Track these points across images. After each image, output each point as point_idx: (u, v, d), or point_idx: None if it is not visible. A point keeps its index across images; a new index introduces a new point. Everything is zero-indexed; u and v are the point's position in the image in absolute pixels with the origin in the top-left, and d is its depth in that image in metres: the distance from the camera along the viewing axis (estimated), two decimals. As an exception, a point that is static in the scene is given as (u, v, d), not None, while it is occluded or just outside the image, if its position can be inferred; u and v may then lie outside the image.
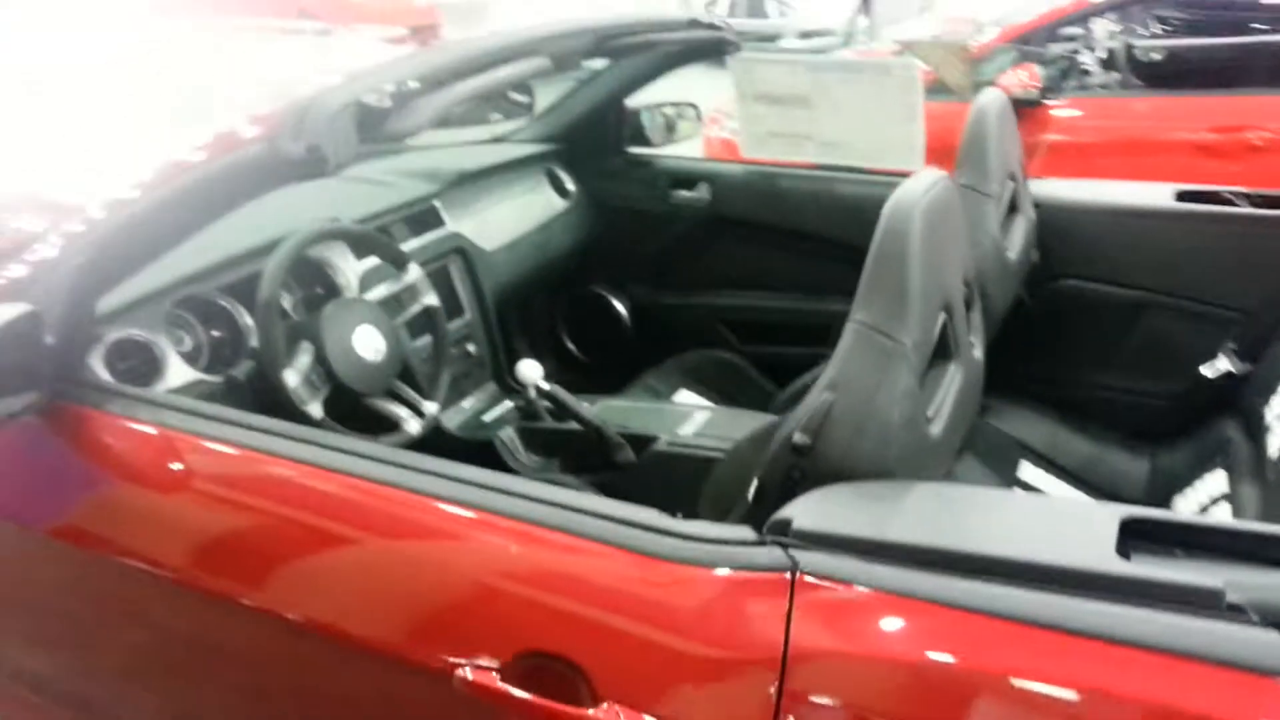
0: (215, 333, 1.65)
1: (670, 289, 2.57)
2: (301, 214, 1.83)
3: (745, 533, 0.97)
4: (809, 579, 0.90)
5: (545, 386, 1.87)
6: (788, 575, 0.91)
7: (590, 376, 2.59)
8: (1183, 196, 1.99)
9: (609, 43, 1.82)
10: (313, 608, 1.11)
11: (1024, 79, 3.45)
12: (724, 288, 2.46)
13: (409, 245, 2.02)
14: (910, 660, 0.85)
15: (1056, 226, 2.04)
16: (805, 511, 0.97)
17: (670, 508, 1.00)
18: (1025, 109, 3.57)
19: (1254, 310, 1.91)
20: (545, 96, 2.63)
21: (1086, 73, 4.13)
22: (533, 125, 2.58)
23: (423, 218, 2.09)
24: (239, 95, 2.57)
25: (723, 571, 0.94)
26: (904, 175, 1.84)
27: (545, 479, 1.83)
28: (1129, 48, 3.92)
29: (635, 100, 2.57)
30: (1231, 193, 2.00)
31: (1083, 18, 3.77)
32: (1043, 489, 1.92)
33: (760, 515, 0.98)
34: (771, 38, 10.64)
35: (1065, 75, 4.17)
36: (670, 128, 2.71)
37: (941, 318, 1.19)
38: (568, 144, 2.56)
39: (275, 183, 1.26)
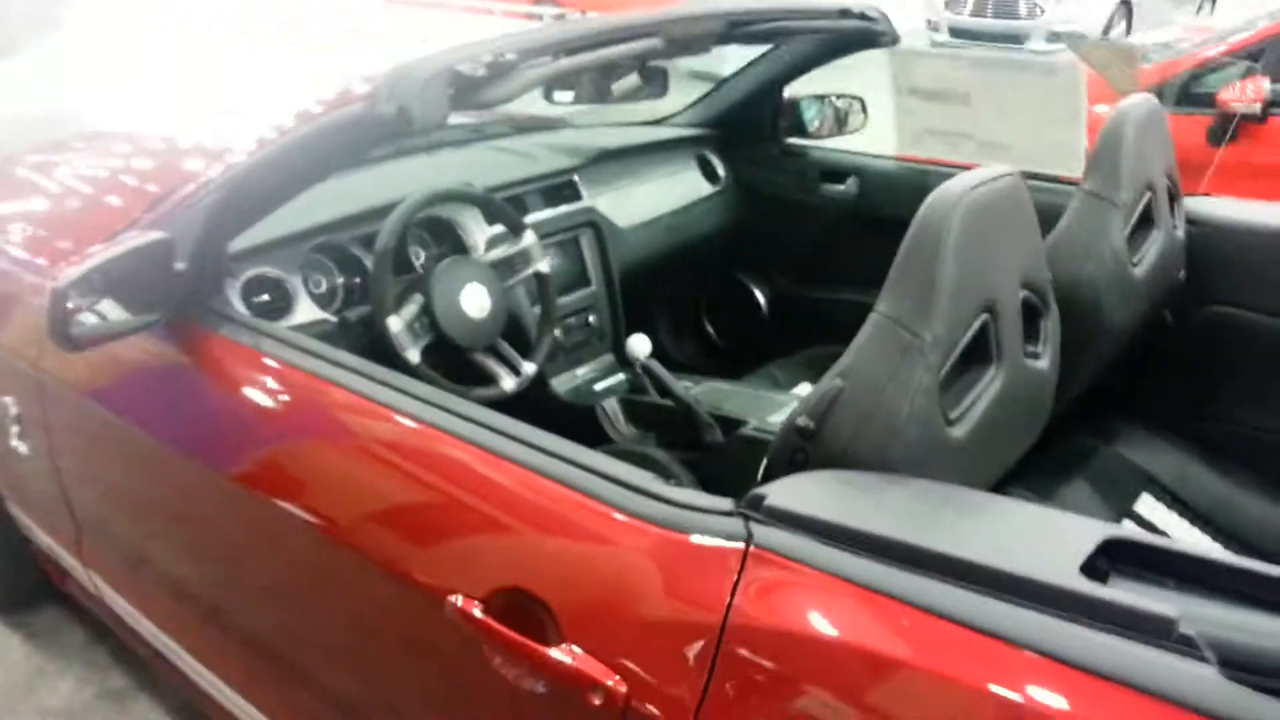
0: (349, 278, 1.80)
1: (812, 281, 2.55)
2: (445, 177, 1.97)
3: (724, 504, 0.98)
4: (762, 553, 0.91)
5: (646, 361, 1.92)
6: (741, 547, 0.92)
7: (726, 361, 2.61)
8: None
9: (742, 28, 1.83)
10: (347, 524, 1.23)
11: (1249, 93, 3.15)
12: (865, 284, 2.42)
13: (542, 215, 2.12)
14: (838, 643, 0.85)
15: (1213, 248, 1.88)
16: (783, 490, 0.97)
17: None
18: (1248, 124, 3.28)
19: None
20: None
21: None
22: (691, 110, 2.63)
23: (560, 190, 2.18)
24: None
25: (692, 538, 0.96)
26: (1071, 182, 1.76)
27: (634, 450, 1.90)
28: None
29: (799, 90, 2.57)
30: None
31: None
32: (1161, 527, 1.79)
33: None
34: (1018, 38, 10.19)
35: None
36: (841, 120, 2.68)
37: (981, 319, 1.14)
38: (723, 129, 2.59)
39: (371, 140, 1.37)
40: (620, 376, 2.18)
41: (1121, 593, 0.80)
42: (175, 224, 1.49)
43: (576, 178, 2.23)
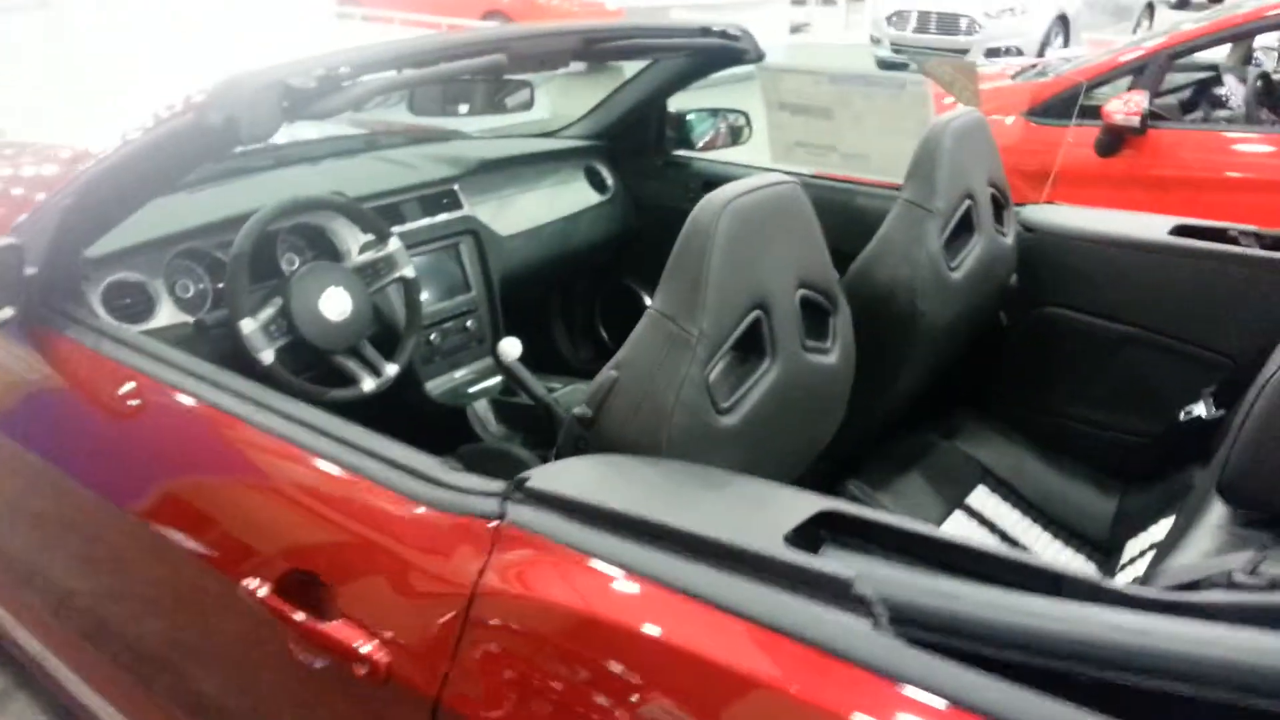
0: (215, 284, 1.87)
1: None
2: (322, 186, 2.03)
3: (492, 487, 1.06)
4: (511, 530, 0.99)
5: (509, 363, 2.00)
6: (493, 524, 1.00)
7: None
8: (1182, 231, 1.90)
9: (599, 45, 1.91)
10: (167, 518, 1.29)
11: (1130, 106, 3.29)
12: None
13: (420, 223, 2.20)
14: (569, 611, 0.93)
15: (1045, 252, 1.99)
16: (544, 473, 1.05)
17: None
18: (1132, 136, 3.42)
19: (1237, 356, 1.81)
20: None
21: (1220, 103, 3.89)
22: (582, 122, 2.72)
23: (439, 199, 2.26)
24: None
25: (453, 517, 1.04)
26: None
27: (493, 448, 1.97)
28: (1263, 78, 3.66)
29: (686, 105, 2.66)
30: (1241, 231, 1.89)
31: (1209, 44, 3.54)
32: (991, 517, 1.89)
33: None
34: (960, 55, 10.41)
35: (1194, 104, 3.94)
36: (735, 133, 2.78)
37: (753, 316, 1.23)
38: (612, 141, 2.68)
39: (204, 151, 1.44)
40: (497, 379, 2.25)
41: (808, 558, 0.88)
42: (28, 230, 1.55)
43: (457, 187, 2.31)
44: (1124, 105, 3.32)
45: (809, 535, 0.95)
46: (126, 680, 1.58)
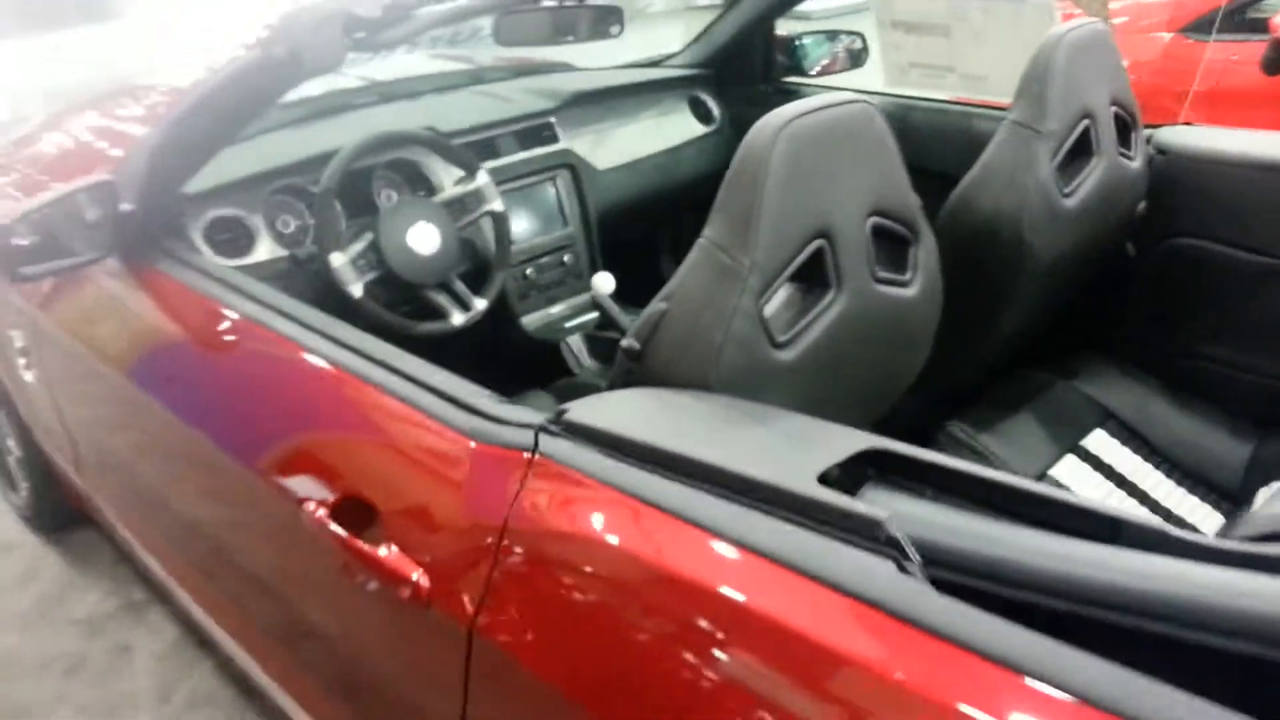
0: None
1: None
2: (416, 120, 2.03)
3: (531, 418, 1.03)
4: (544, 461, 0.97)
5: (600, 297, 1.97)
6: (528, 455, 0.98)
7: None
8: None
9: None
10: (245, 446, 1.33)
11: (1298, 16, 2.96)
12: None
13: (515, 157, 2.18)
14: (595, 541, 0.90)
15: (1179, 178, 1.81)
16: (583, 406, 1.02)
17: None
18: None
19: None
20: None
21: None
22: (688, 50, 2.63)
23: (536, 132, 2.23)
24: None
25: (491, 447, 1.02)
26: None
27: (580, 382, 1.95)
28: None
29: (797, 28, 2.55)
30: None
31: None
32: (1110, 461, 1.76)
33: None
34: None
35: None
36: (854, 57, 2.65)
37: (815, 245, 1.15)
38: (718, 69, 2.59)
39: (271, 85, 1.44)
40: (593, 314, 2.23)
41: (838, 496, 0.82)
42: (123, 170, 1.60)
43: (554, 120, 2.27)
44: (1295, 16, 2.99)
45: (853, 474, 0.89)
46: (220, 598, 1.66)
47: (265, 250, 1.82)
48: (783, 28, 2.55)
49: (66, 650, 2.21)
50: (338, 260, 1.73)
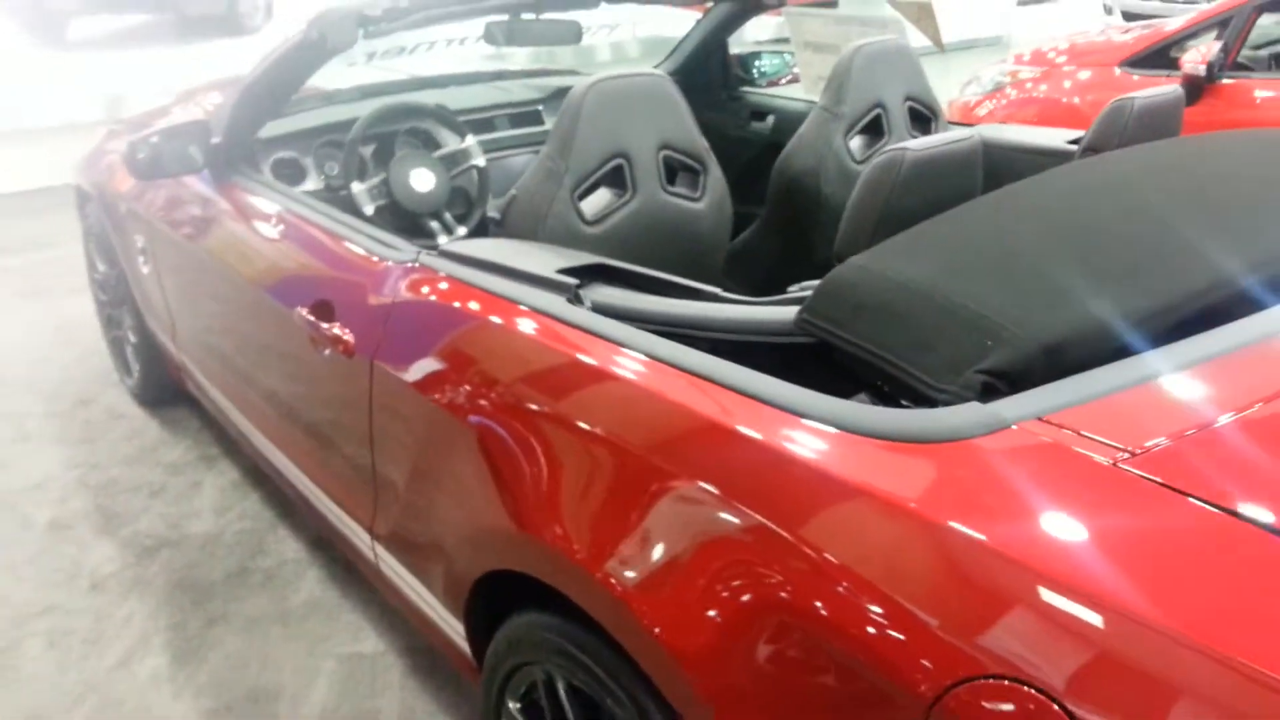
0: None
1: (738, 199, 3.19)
2: (436, 101, 2.76)
3: (415, 247, 1.72)
4: (419, 268, 1.66)
5: None
6: (411, 264, 1.67)
7: None
8: (1073, 141, 2.26)
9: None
10: (281, 288, 2.05)
11: (1198, 56, 3.49)
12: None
13: (508, 133, 2.90)
14: (445, 307, 1.58)
15: (990, 163, 2.40)
16: (456, 244, 1.70)
17: None
18: (1207, 85, 3.61)
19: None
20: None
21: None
22: (665, 61, 3.32)
23: (526, 116, 2.95)
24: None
25: (395, 263, 1.71)
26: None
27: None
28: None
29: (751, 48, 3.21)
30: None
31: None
32: None
33: None
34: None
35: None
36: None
37: (614, 162, 1.82)
38: (685, 77, 3.27)
39: (308, 59, 2.16)
40: None
41: (561, 276, 1.47)
42: (217, 117, 2.37)
43: (541, 108, 2.99)
44: (1196, 55, 3.52)
45: (586, 273, 1.54)
46: (261, 409, 2.38)
47: (312, 183, 2.57)
48: (737, 48, 3.22)
49: (154, 481, 2.99)
50: (356, 188, 2.46)
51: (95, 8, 9.29)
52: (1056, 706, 0.81)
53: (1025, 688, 0.82)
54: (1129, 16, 10.35)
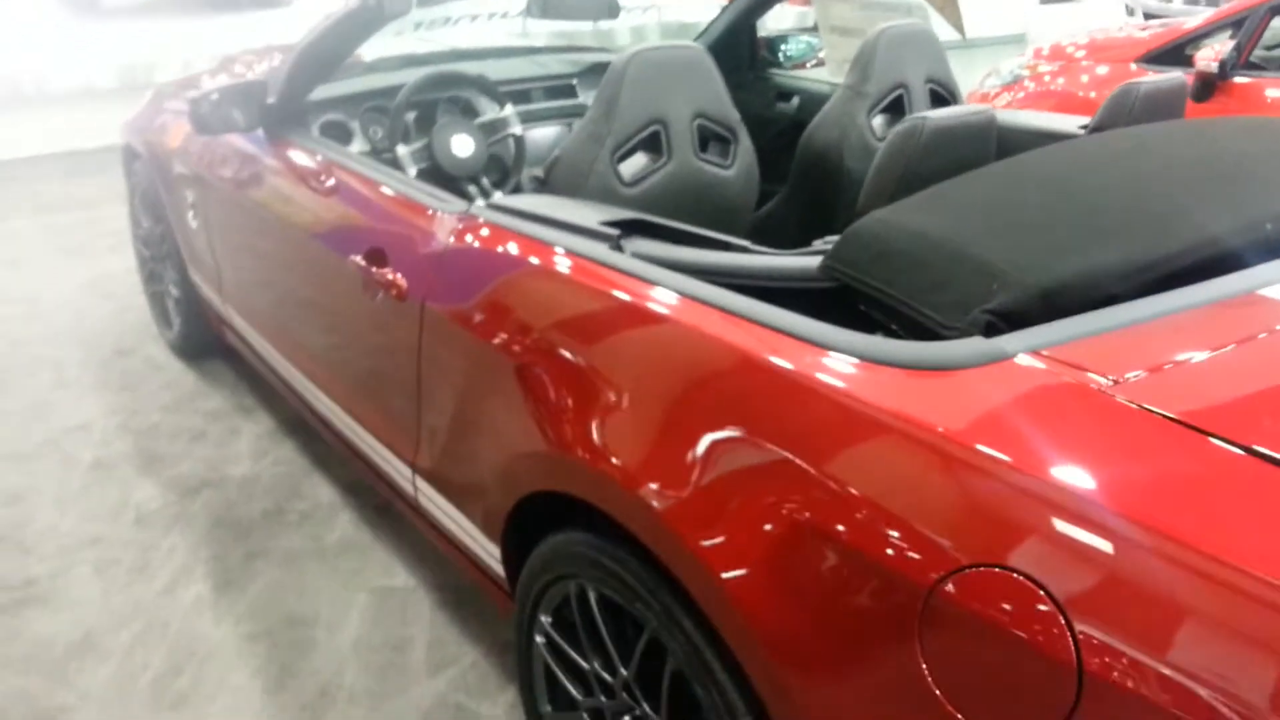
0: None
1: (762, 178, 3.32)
2: (479, 72, 2.88)
3: (464, 203, 1.85)
4: (472, 217, 1.79)
5: None
6: (462, 215, 1.80)
7: None
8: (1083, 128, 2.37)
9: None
10: (331, 236, 2.19)
11: (1211, 54, 3.60)
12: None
13: (543, 105, 3.03)
14: (494, 254, 1.71)
15: (1004, 144, 2.51)
16: (503, 197, 1.83)
17: None
18: (1221, 83, 3.71)
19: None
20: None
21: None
22: (701, 38, 3.43)
23: (560, 89, 3.07)
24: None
25: (448, 213, 1.84)
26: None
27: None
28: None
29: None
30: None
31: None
32: None
33: None
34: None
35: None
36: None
37: (652, 128, 1.94)
38: (715, 57, 3.38)
39: (363, 24, 2.28)
40: None
41: (605, 228, 1.60)
42: (272, 78, 2.50)
43: (575, 81, 3.11)
44: (1209, 53, 3.62)
45: (627, 226, 1.66)
46: (304, 353, 2.52)
47: (357, 145, 2.70)
48: (765, 30, 3.33)
49: (193, 426, 3.13)
50: (401, 150, 2.59)
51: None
52: (1041, 591, 0.93)
53: (1014, 575, 0.95)
54: (1150, 16, 10.42)
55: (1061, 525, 0.94)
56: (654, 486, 1.28)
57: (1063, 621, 0.92)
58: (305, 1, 9.08)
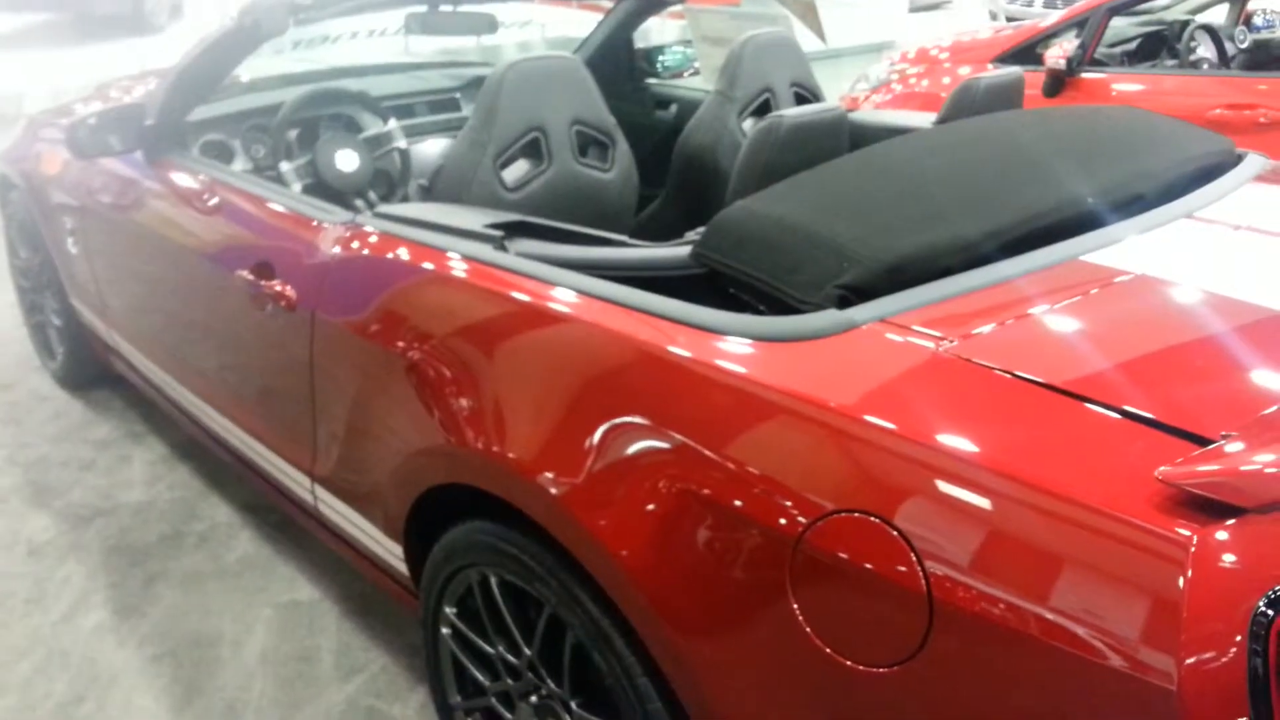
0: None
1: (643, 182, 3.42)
2: (360, 88, 2.91)
3: (349, 213, 1.90)
4: (355, 226, 1.83)
5: None
6: (347, 224, 1.85)
7: None
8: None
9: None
10: (216, 253, 2.20)
11: (1059, 52, 3.85)
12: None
13: (428, 119, 3.07)
14: (378, 259, 1.76)
15: (859, 140, 2.67)
16: (395, 206, 1.88)
17: None
18: (1070, 79, 3.97)
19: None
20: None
21: (1178, 51, 4.35)
22: (580, 50, 3.52)
23: (444, 103, 3.13)
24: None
25: (333, 223, 1.89)
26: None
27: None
28: (1212, 30, 4.11)
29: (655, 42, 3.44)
30: None
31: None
32: None
33: None
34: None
35: (1147, 54, 4.40)
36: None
37: (532, 134, 2.02)
38: (592, 69, 3.48)
39: (242, 44, 2.31)
40: None
41: (488, 230, 1.67)
42: (149, 100, 2.50)
43: (458, 95, 3.17)
44: (1057, 51, 3.88)
45: (509, 228, 1.73)
46: (191, 370, 2.51)
47: (239, 164, 2.70)
48: (642, 42, 3.44)
49: (83, 456, 3.08)
50: (285, 167, 2.61)
51: (-6, 6, 9.14)
52: (894, 531, 1.04)
53: (870, 518, 1.05)
54: (1012, 20, 10.96)
55: (907, 469, 1.05)
56: (550, 475, 1.35)
57: (913, 557, 1.02)
58: (178, 28, 8.93)
